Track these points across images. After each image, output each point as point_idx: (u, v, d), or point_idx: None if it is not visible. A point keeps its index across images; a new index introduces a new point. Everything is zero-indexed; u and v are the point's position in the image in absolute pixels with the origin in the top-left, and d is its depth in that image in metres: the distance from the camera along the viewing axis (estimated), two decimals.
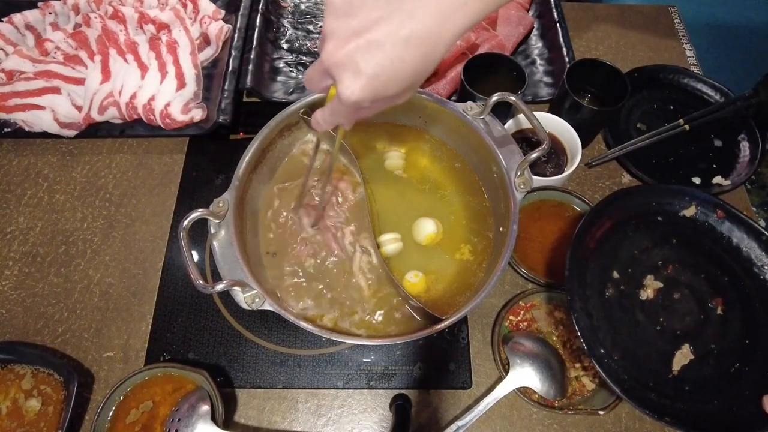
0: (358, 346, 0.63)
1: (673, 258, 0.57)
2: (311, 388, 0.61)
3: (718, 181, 0.73)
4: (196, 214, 0.51)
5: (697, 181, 0.73)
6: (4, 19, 0.83)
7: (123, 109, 0.75)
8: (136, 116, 0.76)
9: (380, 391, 0.61)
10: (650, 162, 0.75)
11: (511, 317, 0.63)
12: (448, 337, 0.63)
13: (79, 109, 0.76)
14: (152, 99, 0.75)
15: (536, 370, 0.57)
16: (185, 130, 0.76)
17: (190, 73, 0.78)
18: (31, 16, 0.84)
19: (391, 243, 0.61)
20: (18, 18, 0.83)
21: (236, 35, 0.83)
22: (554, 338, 0.62)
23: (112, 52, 0.79)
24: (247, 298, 0.50)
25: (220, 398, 0.56)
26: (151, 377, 0.58)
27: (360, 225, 0.62)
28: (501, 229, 0.58)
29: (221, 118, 0.75)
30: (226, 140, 0.78)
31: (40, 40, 0.81)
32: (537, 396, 0.58)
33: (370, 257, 0.60)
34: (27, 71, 0.77)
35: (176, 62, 0.78)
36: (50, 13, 0.85)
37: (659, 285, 0.56)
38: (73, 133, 0.76)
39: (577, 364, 0.60)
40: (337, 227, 0.62)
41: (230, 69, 0.79)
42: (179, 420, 0.54)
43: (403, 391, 0.60)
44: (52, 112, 0.74)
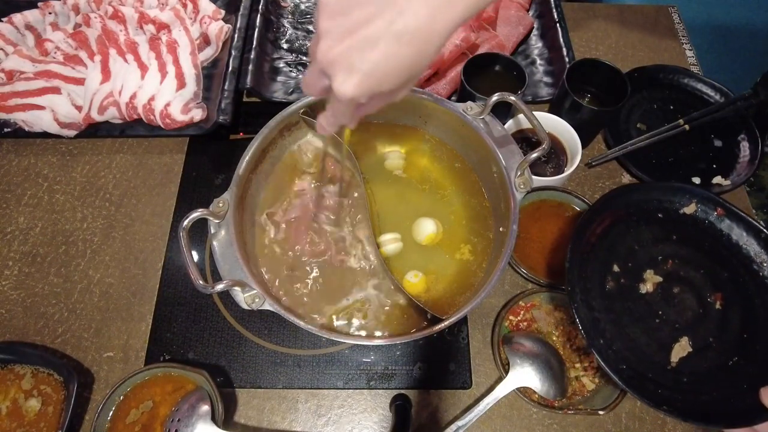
0: (358, 346, 0.63)
1: (673, 253, 0.58)
2: (311, 388, 0.61)
3: (717, 181, 0.73)
4: (196, 214, 0.51)
5: (697, 181, 0.73)
6: (4, 19, 0.83)
7: (123, 109, 0.75)
8: (136, 116, 0.76)
9: (380, 391, 0.61)
10: (650, 162, 0.75)
11: (511, 317, 0.63)
12: (448, 337, 0.63)
13: (79, 109, 0.76)
14: (152, 99, 0.75)
15: (536, 370, 0.57)
16: (185, 130, 0.76)
17: (190, 73, 0.78)
18: (31, 16, 0.84)
19: (391, 243, 0.61)
20: (18, 18, 0.83)
21: (236, 35, 0.83)
22: (554, 338, 0.62)
23: (112, 52, 0.79)
24: (247, 298, 0.50)
25: (220, 398, 0.56)
26: (151, 377, 0.58)
27: (360, 225, 0.62)
28: (501, 229, 0.58)
29: (221, 118, 0.75)
30: (226, 140, 0.78)
31: (40, 40, 0.81)
32: (537, 396, 0.58)
33: (370, 257, 0.60)
34: (27, 71, 0.77)
35: (176, 62, 0.78)
36: (50, 13, 0.85)
37: (659, 279, 0.56)
38: (73, 133, 0.76)
39: (577, 364, 0.60)
40: (337, 228, 0.62)
41: (230, 69, 0.79)
42: (179, 420, 0.54)
43: (403, 391, 0.60)
44: (52, 112, 0.74)
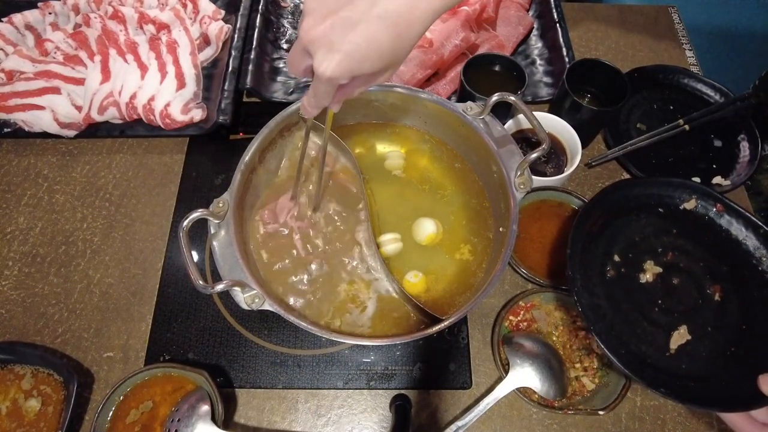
0: (357, 346, 0.63)
1: (673, 246, 0.58)
2: (311, 389, 0.61)
3: (717, 181, 0.73)
4: (196, 215, 0.51)
5: (697, 181, 0.73)
6: (4, 19, 0.83)
7: (123, 109, 0.75)
8: (136, 116, 0.76)
9: (380, 392, 0.61)
10: (650, 162, 0.75)
11: (511, 317, 0.63)
12: (448, 337, 0.63)
13: (79, 109, 0.76)
14: (152, 99, 0.75)
15: (536, 370, 0.57)
16: (185, 130, 0.76)
17: (190, 73, 0.78)
18: (31, 16, 0.84)
19: (390, 243, 0.61)
20: (18, 18, 0.83)
21: (236, 35, 0.83)
22: (554, 338, 0.62)
23: (112, 52, 0.79)
24: (247, 299, 0.50)
25: (220, 398, 0.56)
26: (151, 377, 0.58)
27: (360, 225, 0.62)
28: (501, 230, 0.58)
29: (221, 118, 0.75)
30: (226, 140, 0.78)
31: (40, 40, 0.81)
32: (537, 396, 0.58)
33: (368, 260, 0.60)
34: (27, 71, 0.77)
35: (176, 62, 0.78)
36: (50, 13, 0.85)
37: (659, 270, 0.57)
38: (73, 133, 0.76)
39: (577, 364, 0.60)
40: (338, 227, 0.62)
41: (230, 69, 0.79)
42: (179, 420, 0.54)
43: (403, 392, 0.60)
44: (52, 112, 0.74)
